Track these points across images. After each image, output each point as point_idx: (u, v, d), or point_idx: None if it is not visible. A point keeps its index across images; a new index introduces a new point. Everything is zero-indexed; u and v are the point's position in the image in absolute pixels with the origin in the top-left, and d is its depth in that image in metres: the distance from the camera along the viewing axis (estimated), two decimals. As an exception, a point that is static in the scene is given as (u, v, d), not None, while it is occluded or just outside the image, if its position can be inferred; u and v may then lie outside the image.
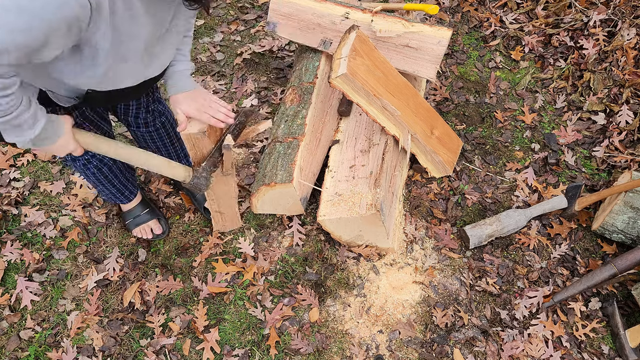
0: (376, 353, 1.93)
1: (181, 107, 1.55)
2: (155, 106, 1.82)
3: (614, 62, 2.75)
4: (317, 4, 2.33)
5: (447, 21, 3.12)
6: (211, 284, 2.05)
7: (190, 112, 1.56)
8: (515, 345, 1.95)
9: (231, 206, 2.04)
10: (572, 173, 2.46)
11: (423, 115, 2.18)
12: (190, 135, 1.58)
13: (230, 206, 2.04)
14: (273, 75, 2.84)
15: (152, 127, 1.85)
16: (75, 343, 1.92)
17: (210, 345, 1.91)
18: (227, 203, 2.01)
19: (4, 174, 2.33)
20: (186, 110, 1.55)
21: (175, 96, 1.55)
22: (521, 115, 2.69)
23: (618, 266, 1.97)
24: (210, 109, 1.57)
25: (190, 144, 1.63)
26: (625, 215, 2.10)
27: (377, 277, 2.11)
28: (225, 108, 1.59)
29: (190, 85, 1.56)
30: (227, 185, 1.90)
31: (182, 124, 1.56)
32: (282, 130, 2.21)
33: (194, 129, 1.57)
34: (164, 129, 1.90)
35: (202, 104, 1.56)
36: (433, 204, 2.34)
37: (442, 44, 2.16)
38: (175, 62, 1.52)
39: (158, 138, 1.92)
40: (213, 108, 1.57)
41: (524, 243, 2.23)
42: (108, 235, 2.18)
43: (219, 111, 1.58)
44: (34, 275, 2.05)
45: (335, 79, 1.88)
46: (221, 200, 1.98)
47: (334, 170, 2.14)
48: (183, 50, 1.53)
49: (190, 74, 1.57)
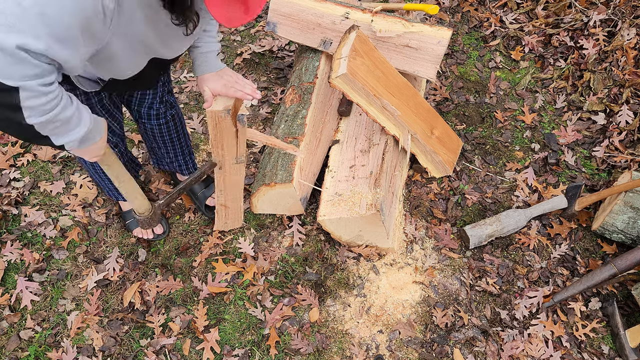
0: (376, 353, 1.93)
1: (209, 85, 1.58)
2: (168, 97, 1.86)
3: (614, 62, 2.75)
4: (317, 4, 2.33)
5: (447, 21, 3.12)
6: (211, 284, 2.05)
7: (218, 89, 1.59)
8: (515, 345, 1.95)
9: (237, 199, 2.03)
10: (572, 173, 2.46)
11: (423, 115, 2.18)
12: (215, 112, 1.60)
13: (236, 199, 2.03)
14: (273, 75, 2.84)
15: (162, 119, 1.89)
16: (75, 343, 1.92)
17: (210, 345, 1.91)
18: (235, 195, 2.01)
19: (4, 174, 2.33)
20: (213, 87, 1.59)
21: (203, 76, 1.59)
22: (521, 115, 2.69)
23: (618, 266, 1.97)
24: (237, 84, 1.60)
25: (212, 123, 1.65)
26: (625, 215, 2.10)
27: (377, 277, 2.11)
28: (251, 85, 1.62)
29: (218, 65, 1.59)
30: (238, 175, 1.90)
31: (209, 101, 1.60)
32: (282, 130, 2.21)
33: (219, 107, 1.60)
34: (173, 122, 1.94)
35: (229, 81, 1.59)
36: (433, 204, 2.34)
37: (442, 44, 2.16)
38: (203, 43, 1.54)
39: (166, 131, 1.95)
40: (239, 83, 1.61)
41: (524, 243, 2.23)
42: (108, 235, 2.18)
43: (245, 86, 1.61)
44: (34, 275, 2.05)
45: (335, 79, 1.88)
46: (229, 192, 1.98)
47: (334, 170, 2.14)
48: (211, 31, 1.55)
49: (217, 54, 1.60)
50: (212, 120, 1.64)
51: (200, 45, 1.55)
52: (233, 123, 1.67)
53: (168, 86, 1.85)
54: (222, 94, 1.61)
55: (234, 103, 1.62)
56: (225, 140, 1.72)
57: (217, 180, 1.91)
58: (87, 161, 1.79)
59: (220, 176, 1.90)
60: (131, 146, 2.46)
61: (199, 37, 1.52)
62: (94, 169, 1.83)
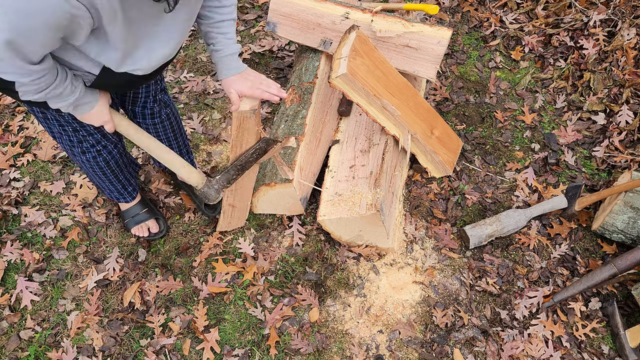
0: (376, 353, 1.93)
1: (234, 87, 1.59)
2: (162, 96, 1.86)
3: (614, 62, 2.75)
4: (317, 4, 2.33)
5: (447, 21, 3.12)
6: (211, 284, 2.05)
7: (244, 90, 1.59)
8: (515, 345, 1.95)
9: (246, 199, 2.04)
10: (572, 173, 2.46)
11: (423, 115, 2.18)
12: (241, 112, 1.61)
13: (245, 199, 2.03)
14: (273, 75, 2.84)
15: (157, 118, 1.89)
16: (75, 343, 1.92)
17: (210, 345, 1.91)
18: (244, 195, 2.01)
19: (4, 174, 2.33)
20: (239, 89, 1.59)
21: (228, 79, 1.59)
22: (521, 115, 2.69)
23: (618, 266, 1.97)
24: (262, 85, 1.61)
25: (237, 123, 1.65)
26: (625, 215, 2.10)
27: (377, 277, 2.11)
28: (276, 85, 1.63)
29: (240, 66, 1.60)
30: (251, 174, 1.90)
31: (235, 103, 1.60)
32: (282, 130, 2.21)
33: (246, 107, 1.60)
34: (169, 121, 1.94)
35: (254, 81, 1.60)
36: (433, 204, 2.34)
37: (442, 44, 2.16)
38: (223, 46, 1.55)
39: (162, 130, 1.95)
40: (264, 84, 1.61)
41: (524, 243, 2.23)
42: (108, 235, 2.18)
43: (270, 86, 1.62)
44: (34, 275, 2.05)
45: (335, 79, 1.88)
46: (240, 192, 1.98)
47: (334, 170, 2.14)
48: (228, 33, 1.55)
49: (238, 55, 1.60)
50: (237, 120, 1.65)
51: (220, 49, 1.55)
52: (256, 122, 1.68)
53: (161, 84, 1.84)
54: (249, 95, 1.61)
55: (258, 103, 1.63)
56: (246, 140, 1.73)
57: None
58: (85, 163, 1.78)
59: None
60: (131, 146, 2.46)
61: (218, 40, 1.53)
62: (93, 170, 1.83)
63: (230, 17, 1.54)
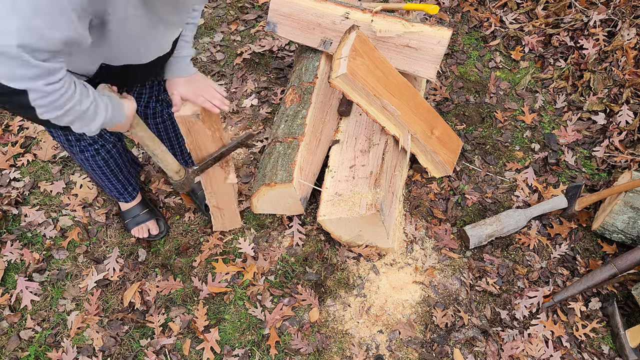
0: (376, 353, 1.93)
1: (178, 89, 1.58)
2: (164, 96, 1.86)
3: (614, 62, 2.75)
4: (317, 4, 2.33)
5: (447, 21, 3.12)
6: (211, 284, 2.05)
7: (186, 94, 1.58)
8: (515, 345, 1.95)
9: (230, 202, 2.04)
10: (572, 173, 2.46)
11: (423, 115, 2.18)
12: (184, 117, 1.60)
13: (229, 201, 2.03)
14: (273, 75, 2.84)
15: (159, 117, 1.89)
16: (75, 343, 1.92)
17: (210, 345, 1.91)
18: (226, 198, 2.01)
19: (4, 174, 2.33)
20: (182, 92, 1.58)
21: (173, 79, 1.58)
22: (521, 115, 2.69)
23: (618, 266, 1.97)
24: (207, 93, 1.59)
25: (184, 128, 1.65)
26: (625, 215, 2.10)
27: (377, 277, 2.11)
28: (221, 95, 1.61)
29: (189, 70, 1.59)
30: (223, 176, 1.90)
31: (177, 105, 1.58)
32: (282, 130, 2.21)
33: (187, 111, 1.59)
34: (170, 120, 1.94)
35: (199, 87, 1.59)
36: (433, 204, 2.34)
37: (442, 44, 2.16)
38: (178, 48, 1.54)
39: (164, 130, 1.95)
40: (209, 93, 1.60)
41: (524, 243, 2.23)
42: (108, 235, 2.18)
43: (214, 97, 1.60)
44: (34, 275, 2.06)
45: (335, 79, 1.88)
46: (219, 195, 1.98)
47: (334, 170, 2.14)
48: (186, 36, 1.55)
49: (190, 59, 1.59)
50: (183, 125, 1.64)
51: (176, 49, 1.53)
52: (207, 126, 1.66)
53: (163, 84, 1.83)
54: (192, 101, 1.60)
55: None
56: (203, 144, 1.72)
57: (203, 183, 1.91)
58: (85, 162, 1.79)
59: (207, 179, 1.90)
60: (131, 146, 2.46)
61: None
62: (92, 169, 1.83)
63: (193, 21, 1.54)
